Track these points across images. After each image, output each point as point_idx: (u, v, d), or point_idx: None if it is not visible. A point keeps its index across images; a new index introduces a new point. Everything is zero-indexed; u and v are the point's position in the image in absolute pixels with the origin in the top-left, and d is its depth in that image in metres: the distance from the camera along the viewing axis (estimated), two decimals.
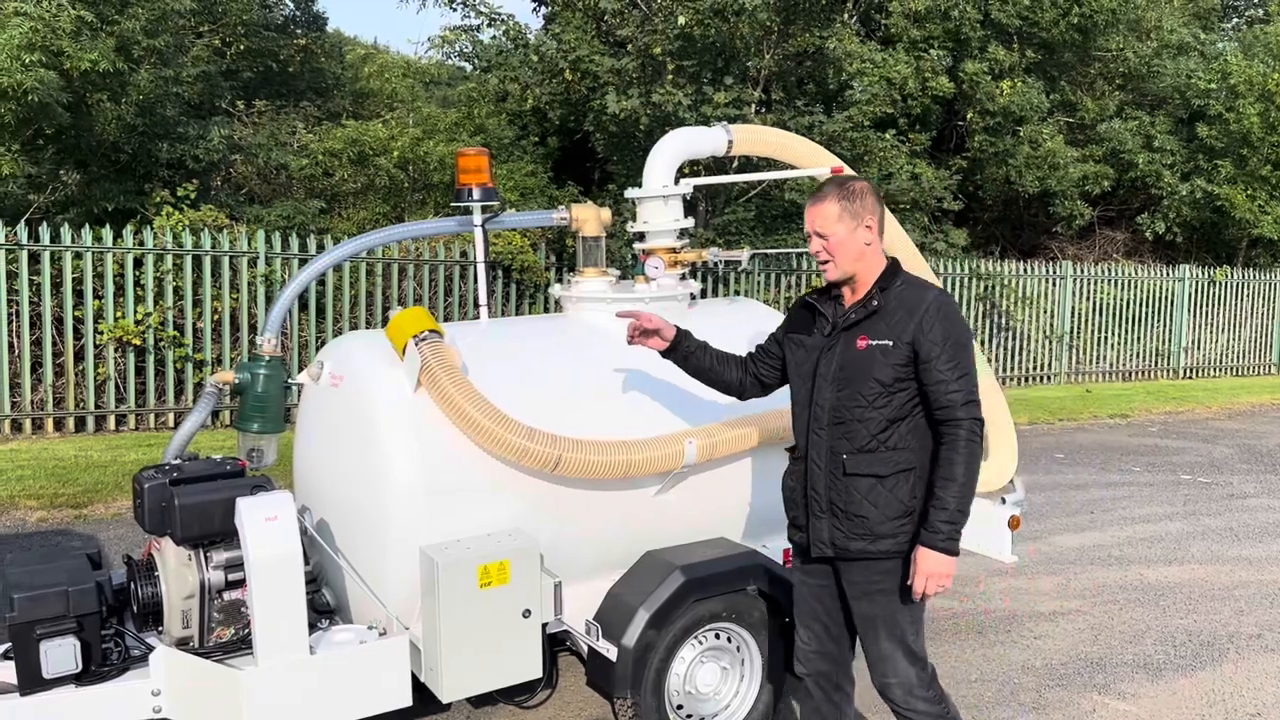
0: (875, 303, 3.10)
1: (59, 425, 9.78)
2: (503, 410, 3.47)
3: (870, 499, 3.06)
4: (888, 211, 4.19)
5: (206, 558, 3.30)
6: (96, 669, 3.21)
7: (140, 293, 9.94)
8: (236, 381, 3.92)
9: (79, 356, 9.80)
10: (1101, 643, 5.36)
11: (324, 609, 3.83)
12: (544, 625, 3.56)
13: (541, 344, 4.08)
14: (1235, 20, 25.64)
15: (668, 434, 3.80)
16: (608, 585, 3.83)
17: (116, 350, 9.90)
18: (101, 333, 9.77)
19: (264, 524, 3.12)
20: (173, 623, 3.31)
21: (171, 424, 10.11)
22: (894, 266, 3.19)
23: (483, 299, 4.24)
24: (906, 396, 3.05)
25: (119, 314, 9.84)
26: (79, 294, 9.72)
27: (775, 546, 4.32)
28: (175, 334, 10.10)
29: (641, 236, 4.44)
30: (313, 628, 3.52)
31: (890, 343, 3.04)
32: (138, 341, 9.89)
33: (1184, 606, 5.96)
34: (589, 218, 4.32)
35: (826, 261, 3.14)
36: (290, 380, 3.98)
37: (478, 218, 4.14)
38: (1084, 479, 9.42)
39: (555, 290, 4.37)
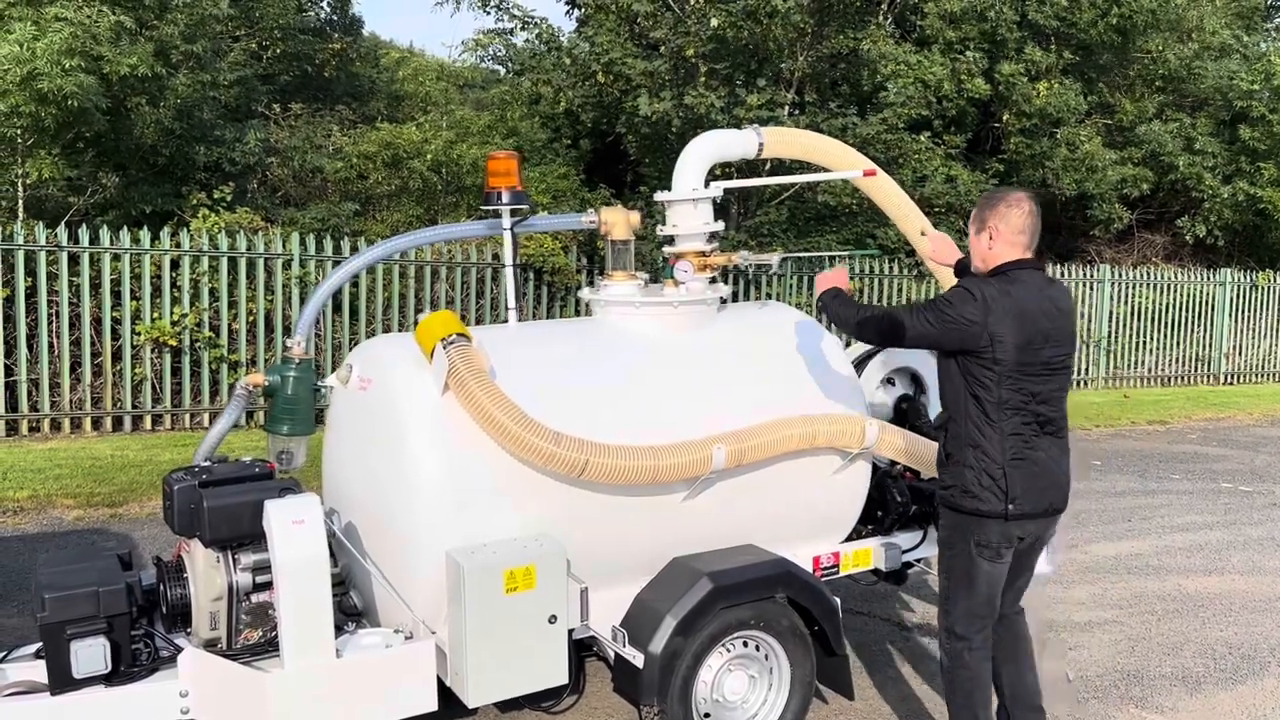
0: None
1: (97, 425, 9.91)
2: (530, 414, 3.45)
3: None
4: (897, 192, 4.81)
5: (235, 560, 3.32)
6: (126, 669, 3.23)
7: (176, 294, 10.05)
8: (267, 384, 3.94)
9: (116, 357, 9.92)
10: (1139, 654, 5.26)
11: (352, 612, 3.83)
12: (570, 631, 3.54)
13: (569, 348, 4.07)
14: (1278, 21, 25.17)
15: (696, 439, 3.76)
16: (635, 591, 3.81)
17: (153, 351, 10.02)
18: (139, 333, 9.89)
19: (291, 527, 3.12)
20: (201, 624, 3.32)
21: (206, 424, 10.21)
22: (999, 267, 3.52)
23: (511, 302, 4.23)
24: (946, 364, 3.58)
25: (156, 315, 9.96)
26: (117, 295, 9.85)
27: (805, 554, 4.29)
28: (211, 335, 10.21)
29: (671, 240, 4.41)
30: (340, 630, 3.53)
31: None
32: (174, 342, 10.01)
33: (1224, 618, 5.84)
34: (618, 221, 4.30)
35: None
36: (320, 383, 3.99)
37: (507, 221, 4.14)
38: (1121, 486, 9.27)
39: (584, 294, 4.35)
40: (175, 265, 10.06)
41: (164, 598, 3.37)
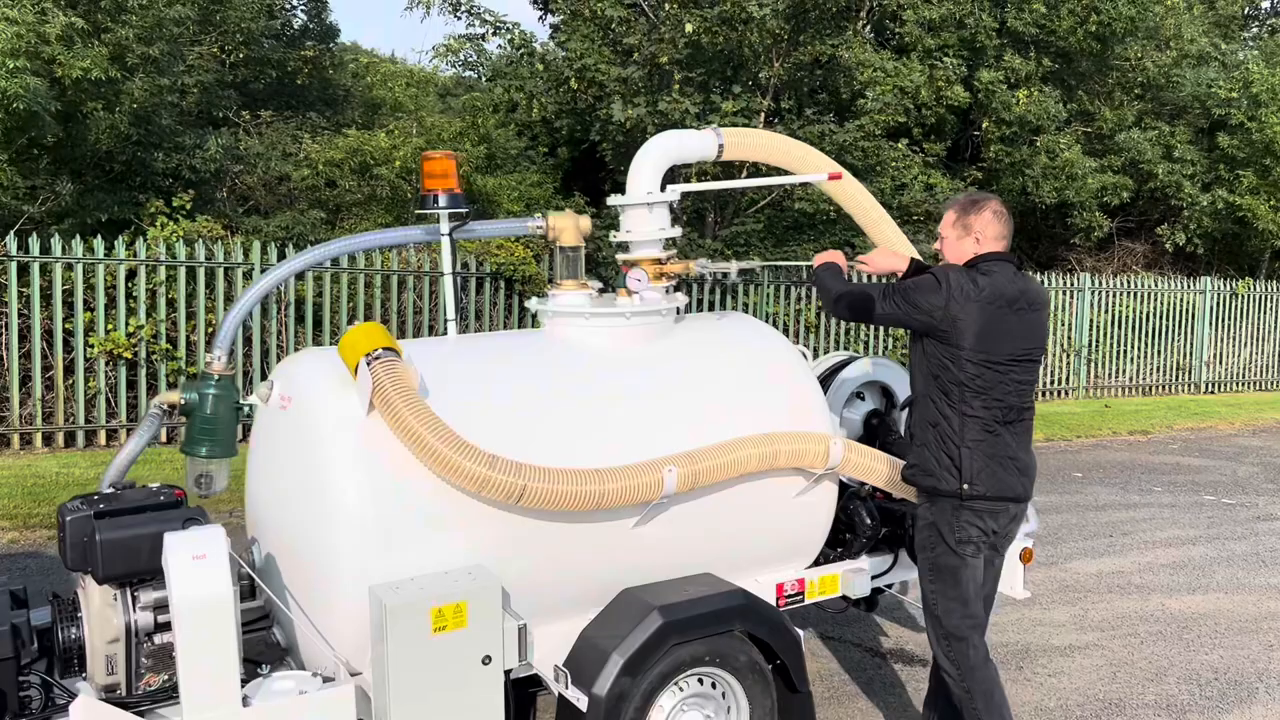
0: None
1: (48, 440, 9.56)
2: (463, 436, 3.17)
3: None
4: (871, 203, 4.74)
5: (134, 598, 3.02)
6: (13, 719, 2.92)
7: (132, 305, 9.73)
8: (184, 402, 3.65)
9: (69, 370, 9.59)
10: (1121, 681, 5.01)
11: (275, 649, 3.54)
12: (508, 672, 3.26)
13: (512, 362, 3.78)
14: (1255, 29, 25.18)
15: (646, 461, 3.49)
16: (582, 625, 3.53)
17: (107, 364, 9.68)
18: (92, 346, 9.56)
19: (191, 563, 2.82)
20: (97, 668, 3.02)
21: (164, 438, 9.87)
22: (972, 260, 3.62)
23: (450, 313, 3.94)
24: (916, 348, 3.68)
25: (110, 326, 9.63)
26: (69, 306, 9.52)
27: (768, 581, 4.02)
28: (168, 347, 9.88)
29: (625, 247, 4.15)
30: (256, 669, 3.24)
31: None
32: (129, 355, 9.69)
33: (1209, 640, 5.60)
34: (566, 227, 4.03)
35: (943, 260, 3.73)
36: (241, 401, 3.70)
37: (445, 226, 3.86)
38: (1103, 499, 9.05)
39: (532, 304, 4.07)
40: (131, 275, 9.74)
41: (57, 639, 3.07)
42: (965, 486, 3.51)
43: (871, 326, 14.18)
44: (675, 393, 3.86)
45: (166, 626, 3.01)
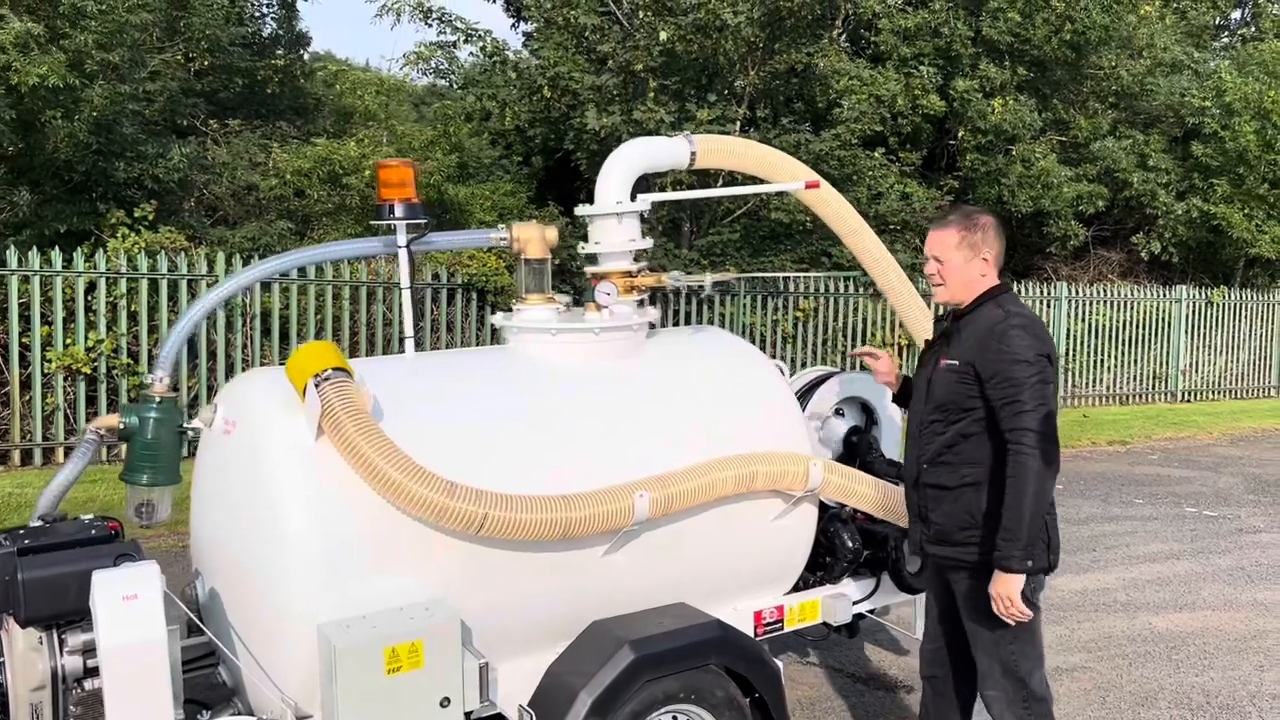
0: (953, 324, 3.37)
1: (4, 459, 9.27)
2: (420, 462, 2.97)
3: (940, 508, 3.35)
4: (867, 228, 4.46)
5: (61, 641, 2.79)
6: None
7: (92, 318, 9.46)
8: (123, 426, 3.42)
9: (26, 386, 9.30)
10: (1110, 706, 4.85)
11: (221, 689, 3.32)
12: (468, 714, 3.05)
13: (474, 382, 3.57)
14: (1226, 39, 25.34)
15: (615, 486, 3.30)
16: (548, 661, 3.32)
17: (66, 379, 9.40)
18: (50, 361, 9.28)
19: (120, 604, 2.60)
20: (20, 717, 2.79)
21: (124, 457, 9.59)
22: (990, 291, 3.33)
23: (408, 330, 3.74)
24: (976, 415, 3.25)
25: (69, 340, 9.35)
26: (26, 320, 9.23)
27: (745, 609, 3.84)
28: (129, 361, 9.61)
29: (594, 259, 3.96)
30: (198, 713, 3.03)
31: (957, 362, 3.28)
32: (88, 370, 9.41)
33: (1199, 661, 5.45)
34: (532, 238, 3.84)
35: (940, 285, 3.38)
36: (185, 425, 3.48)
37: (403, 238, 3.65)
38: (1085, 512, 8.93)
39: (496, 319, 3.88)
40: (91, 288, 9.47)
41: None
42: (1052, 558, 3.27)
43: (849, 338, 14.07)
44: (646, 412, 3.67)
45: (96, 672, 2.78)
